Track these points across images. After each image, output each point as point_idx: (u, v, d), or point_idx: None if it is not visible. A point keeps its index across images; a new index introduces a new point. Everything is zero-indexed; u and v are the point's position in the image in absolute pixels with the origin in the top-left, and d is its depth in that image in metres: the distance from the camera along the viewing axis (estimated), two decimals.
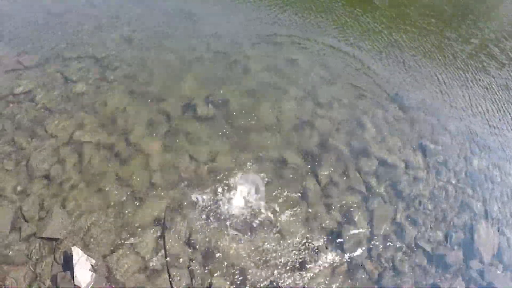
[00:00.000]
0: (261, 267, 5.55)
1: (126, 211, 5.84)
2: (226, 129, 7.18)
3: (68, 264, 5.10)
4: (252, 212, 6.08)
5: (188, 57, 8.86)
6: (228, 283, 5.32)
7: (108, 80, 7.94)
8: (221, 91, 7.92)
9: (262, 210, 6.13)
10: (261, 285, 5.37)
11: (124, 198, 6.00)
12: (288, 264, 5.64)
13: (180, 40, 9.29)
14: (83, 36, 9.04)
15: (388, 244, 6.07)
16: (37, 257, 5.30)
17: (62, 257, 5.27)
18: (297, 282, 5.47)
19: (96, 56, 8.47)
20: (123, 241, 5.54)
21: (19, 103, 7.34)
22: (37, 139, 6.68)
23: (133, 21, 9.94)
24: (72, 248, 5.12)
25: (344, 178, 6.78)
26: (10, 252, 5.32)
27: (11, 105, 7.30)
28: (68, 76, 7.94)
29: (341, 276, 5.59)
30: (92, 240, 5.51)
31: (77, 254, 5.05)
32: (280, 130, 7.34)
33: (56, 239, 5.45)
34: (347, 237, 6.01)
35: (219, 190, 6.27)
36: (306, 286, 5.41)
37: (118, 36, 9.10)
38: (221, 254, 5.59)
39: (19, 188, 5.99)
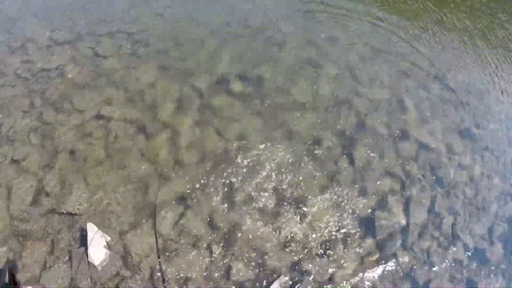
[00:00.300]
0: (284, 252, 5.19)
1: (149, 189, 5.58)
2: (259, 106, 6.75)
3: (84, 240, 4.90)
4: (279, 194, 5.65)
5: (222, 33, 8.42)
6: (249, 267, 5.01)
7: (139, 56, 7.69)
8: (255, 68, 7.45)
9: (290, 192, 5.66)
10: (283, 270, 5.02)
11: (148, 175, 5.73)
12: (314, 250, 5.27)
13: (215, 15, 8.89)
14: (116, 13, 8.86)
15: (423, 234, 5.60)
16: (55, 232, 5.16)
17: (79, 233, 5.07)
18: (322, 270, 5.08)
19: (128, 32, 8.28)
20: (142, 220, 5.29)
21: (49, 79, 7.28)
22: (64, 114, 6.58)
23: None
24: (87, 224, 4.89)
25: (381, 161, 6.25)
26: (29, 226, 5.24)
27: (41, 81, 7.17)
28: (99, 52, 7.79)
29: (371, 266, 5.23)
30: (111, 217, 5.29)
31: (92, 231, 4.81)
32: (315, 109, 6.83)
33: (75, 215, 5.23)
34: (380, 225, 5.58)
35: (247, 169, 5.83)
36: (332, 274, 5.04)
37: (151, 12, 8.82)
38: (243, 237, 5.24)
39: (43, 163, 5.85)
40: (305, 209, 5.58)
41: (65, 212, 5.33)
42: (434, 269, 5.33)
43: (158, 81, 7.14)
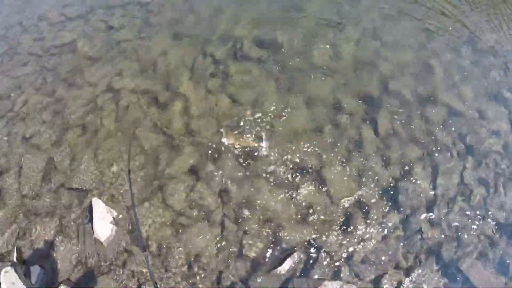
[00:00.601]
0: (300, 226, 4.75)
1: (159, 161, 5.31)
2: (276, 71, 6.29)
3: (92, 216, 4.67)
4: (297, 163, 5.19)
5: None
6: (262, 242, 4.62)
7: (152, 25, 7.47)
8: (273, 31, 6.97)
9: (309, 161, 5.18)
10: (300, 246, 4.61)
11: (159, 146, 5.47)
12: (333, 223, 4.80)
13: None
14: None
15: (452, 207, 4.98)
16: (64, 208, 5.01)
17: (87, 209, 4.88)
18: (341, 246, 4.61)
19: (140, 2, 8.00)
20: (152, 193, 5.02)
21: (61, 55, 7.21)
22: (75, 89, 6.47)
23: None
24: (93, 199, 4.73)
25: (407, 127, 5.65)
26: (39, 202, 5.11)
27: (53, 57, 7.09)
28: (111, 24, 7.64)
29: (394, 241, 4.72)
30: (120, 191, 5.02)
31: (98, 206, 4.61)
32: (336, 72, 6.29)
33: (84, 190, 5.08)
34: (404, 197, 5.01)
35: (263, 137, 5.40)
36: (351, 251, 4.56)
37: None
38: (257, 209, 4.86)
39: (53, 139, 5.74)
40: (324, 180, 5.08)
41: (74, 187, 5.18)
42: (462, 245, 4.73)
43: (171, 50, 6.85)
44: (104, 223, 4.60)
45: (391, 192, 5.06)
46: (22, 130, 6.01)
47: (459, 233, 4.79)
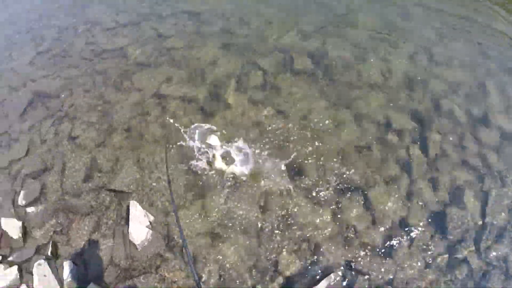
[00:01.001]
0: (340, 246, 4.69)
1: (201, 172, 5.37)
2: (325, 85, 6.37)
3: (128, 218, 4.81)
4: (342, 180, 5.17)
5: (289, 10, 8.29)
6: (299, 260, 4.60)
7: (202, 35, 7.74)
8: (324, 44, 7.14)
9: (354, 178, 5.16)
10: (337, 267, 4.55)
11: (203, 156, 5.48)
12: (374, 246, 4.72)
13: None
14: None
15: (502, 237, 4.83)
16: (103, 209, 5.16)
17: (125, 211, 5.01)
18: (381, 270, 4.49)
19: (191, 12, 8.40)
20: (191, 201, 5.12)
21: (112, 59, 7.54)
22: (124, 93, 6.71)
23: None
24: (131, 202, 4.86)
25: (458, 149, 5.61)
26: (79, 200, 5.27)
27: (103, 61, 7.47)
28: (162, 32, 7.97)
29: (437, 270, 4.59)
30: (159, 196, 5.17)
31: (135, 209, 4.72)
32: (387, 89, 6.33)
33: (124, 193, 5.22)
34: (451, 222, 4.93)
35: (308, 151, 5.48)
36: (392, 277, 4.44)
37: None
38: (296, 224, 4.84)
39: (98, 140, 5.96)
40: (368, 199, 5.00)
41: (114, 189, 5.31)
42: (510, 278, 4.51)
43: (220, 60, 7.05)
44: (140, 226, 4.69)
45: (438, 217, 4.95)
46: (69, 130, 6.26)
47: (508, 265, 4.58)
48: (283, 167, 5.23)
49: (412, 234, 4.78)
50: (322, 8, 8.18)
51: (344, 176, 5.17)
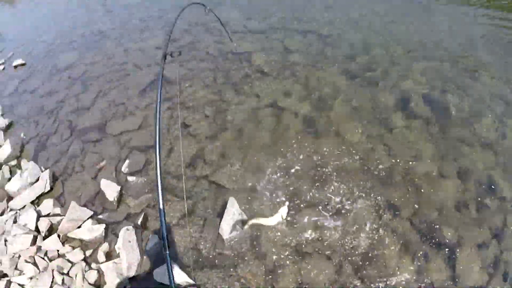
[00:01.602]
0: None
1: (304, 185, 5.60)
2: (437, 133, 6.35)
3: (222, 213, 5.19)
4: (430, 233, 5.10)
5: (415, 52, 8.41)
6: None
7: (326, 56, 8.06)
8: (442, 92, 7.14)
9: (444, 234, 5.07)
10: None
11: (307, 172, 5.74)
12: None
13: (411, 34, 9.01)
14: (310, 13, 9.61)
15: None
16: (199, 197, 5.53)
17: (220, 205, 5.39)
18: None
19: (319, 33, 8.82)
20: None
21: (236, 61, 8.18)
22: (242, 95, 7.20)
23: (365, 3, 10.09)
24: (230, 198, 5.20)
25: None
26: (179, 184, 5.72)
27: (228, 61, 8.14)
28: (288, 46, 8.45)
29: None
30: (256, 200, 5.44)
31: (232, 205, 5.08)
32: (498, 151, 6.14)
33: (223, 187, 5.62)
34: None
35: (412, 193, 5.48)
36: None
37: (346, 18, 9.33)
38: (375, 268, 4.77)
39: (209, 133, 6.46)
40: (454, 260, 4.83)
41: (215, 181, 5.69)
42: None
43: (339, 85, 7.29)
44: (232, 222, 4.99)
45: None
46: (184, 117, 6.85)
47: None
48: (380, 204, 5.30)
49: None
50: (447, 55, 8.23)
51: (435, 229, 5.11)
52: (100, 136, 7.11)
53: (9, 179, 6.62)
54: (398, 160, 5.83)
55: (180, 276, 4.40)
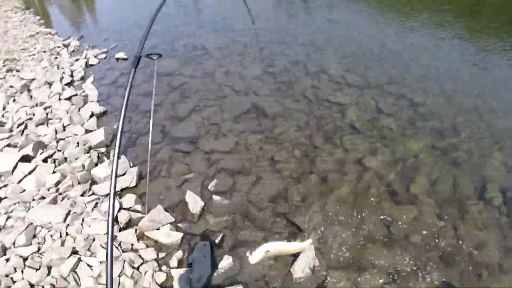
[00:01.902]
0: None
1: (369, 244, 5.86)
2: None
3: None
4: None
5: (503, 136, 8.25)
6: None
7: (415, 126, 8.36)
8: None
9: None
10: None
11: (379, 231, 6.06)
12: None
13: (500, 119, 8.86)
14: (407, 79, 10.16)
15: None
16: (274, 232, 6.06)
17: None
18: None
19: (412, 100, 9.19)
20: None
21: (329, 110, 8.89)
22: (330, 146, 7.73)
23: (459, 76, 10.53)
24: (307, 241, 5.61)
25: None
26: (258, 214, 6.35)
27: (321, 108, 8.84)
28: (380, 106, 8.88)
29: None
30: (326, 248, 5.79)
31: (308, 249, 5.53)
32: None
33: (300, 228, 6.03)
34: None
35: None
36: None
37: (440, 90, 9.77)
38: None
39: (295, 174, 7.09)
40: None
41: (292, 220, 6.12)
42: None
43: (424, 158, 7.53)
44: (305, 267, 5.39)
45: None
46: (273, 152, 7.49)
47: None
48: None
49: None
50: None
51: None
52: (191, 149, 7.83)
53: (96, 164, 7.32)
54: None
55: None
